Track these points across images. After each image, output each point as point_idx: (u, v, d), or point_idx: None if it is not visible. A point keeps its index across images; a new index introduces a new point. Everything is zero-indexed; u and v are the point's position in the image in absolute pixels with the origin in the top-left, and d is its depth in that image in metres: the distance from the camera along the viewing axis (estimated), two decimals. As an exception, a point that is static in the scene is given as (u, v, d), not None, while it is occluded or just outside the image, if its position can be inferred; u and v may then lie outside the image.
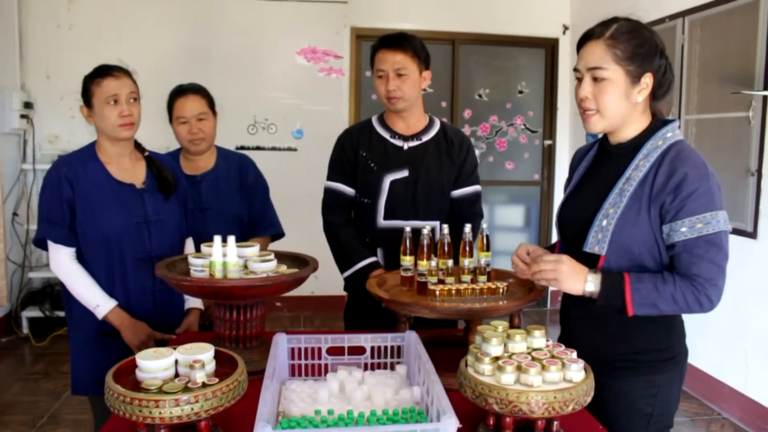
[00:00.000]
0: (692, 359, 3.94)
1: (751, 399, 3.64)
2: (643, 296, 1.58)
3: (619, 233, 1.63)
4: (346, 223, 2.46)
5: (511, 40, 5.86)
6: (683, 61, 4.17)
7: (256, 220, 2.72)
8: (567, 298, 1.86)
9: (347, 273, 2.40)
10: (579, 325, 1.80)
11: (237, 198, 2.67)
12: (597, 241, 1.65)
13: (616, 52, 1.63)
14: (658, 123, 1.71)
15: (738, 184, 3.69)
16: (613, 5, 5.02)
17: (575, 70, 1.71)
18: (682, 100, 4.18)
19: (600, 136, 1.84)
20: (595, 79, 1.66)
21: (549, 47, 5.95)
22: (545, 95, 6.00)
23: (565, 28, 5.88)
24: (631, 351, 1.71)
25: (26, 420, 3.57)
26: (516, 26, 5.80)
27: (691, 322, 1.81)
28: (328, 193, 2.48)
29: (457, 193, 2.46)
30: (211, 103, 2.65)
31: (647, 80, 1.66)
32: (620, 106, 1.66)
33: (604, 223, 1.65)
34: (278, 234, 2.78)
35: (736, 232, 3.69)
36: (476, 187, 2.49)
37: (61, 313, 4.92)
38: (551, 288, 1.94)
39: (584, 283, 1.62)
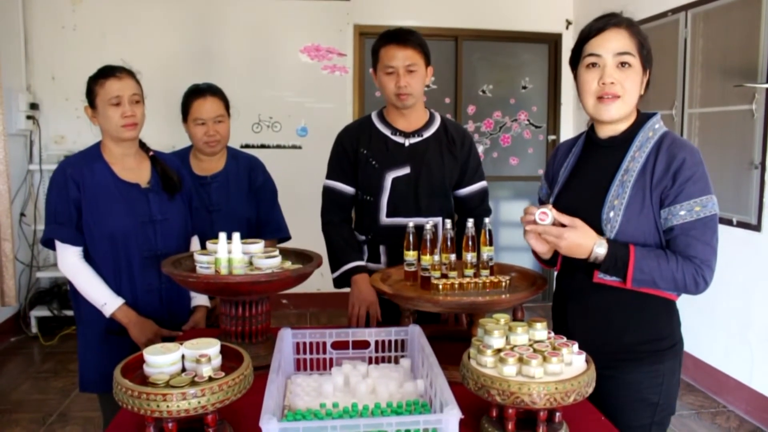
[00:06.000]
0: (698, 352, 3.98)
1: (756, 391, 3.65)
2: (645, 273, 1.60)
3: (626, 223, 1.65)
4: (342, 223, 2.45)
5: (515, 36, 5.86)
6: (686, 55, 4.16)
7: (264, 223, 2.74)
8: (561, 293, 1.88)
9: (335, 274, 2.38)
10: (578, 320, 1.81)
11: (245, 200, 2.68)
12: (604, 234, 1.67)
13: (638, 41, 1.67)
14: (643, 116, 1.76)
15: (742, 177, 3.69)
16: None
17: (592, 55, 1.68)
18: (686, 93, 4.17)
19: (588, 127, 1.86)
20: (621, 65, 1.67)
21: (552, 42, 5.94)
22: (549, 90, 6.00)
23: (568, 23, 5.87)
24: (634, 342, 1.73)
25: (36, 418, 3.60)
26: (519, 22, 5.80)
27: (696, 314, 1.82)
28: (327, 191, 2.46)
29: (465, 191, 2.46)
30: (227, 105, 2.66)
31: (647, 75, 1.72)
32: (637, 94, 1.70)
33: (611, 214, 1.67)
34: (285, 237, 2.80)
35: (741, 224, 3.69)
36: (483, 183, 2.49)
37: (69, 312, 4.96)
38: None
39: (593, 245, 1.61)
